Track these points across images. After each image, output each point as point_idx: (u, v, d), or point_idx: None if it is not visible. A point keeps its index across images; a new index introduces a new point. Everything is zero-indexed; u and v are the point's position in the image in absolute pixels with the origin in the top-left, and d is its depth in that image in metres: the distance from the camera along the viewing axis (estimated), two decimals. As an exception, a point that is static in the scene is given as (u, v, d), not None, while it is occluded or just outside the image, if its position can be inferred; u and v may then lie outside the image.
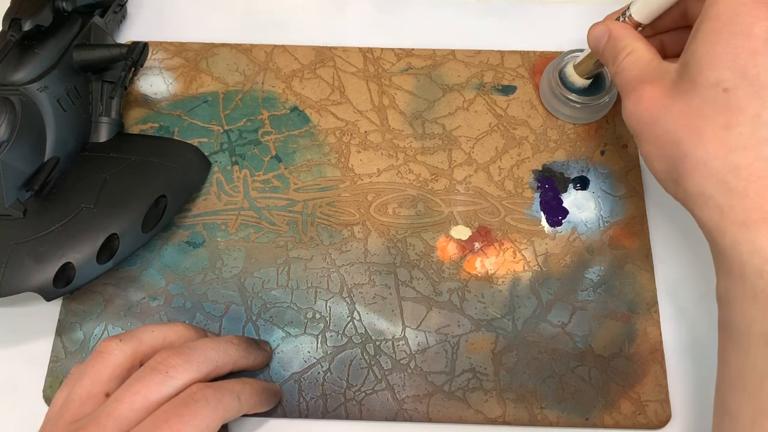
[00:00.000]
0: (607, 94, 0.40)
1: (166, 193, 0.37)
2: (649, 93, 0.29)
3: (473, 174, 0.40)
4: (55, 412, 0.30)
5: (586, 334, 0.36)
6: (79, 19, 0.39)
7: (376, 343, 0.36)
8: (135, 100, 0.42)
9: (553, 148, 0.41)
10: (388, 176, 0.40)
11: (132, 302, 0.37)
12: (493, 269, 0.38)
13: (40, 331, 0.37)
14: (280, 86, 0.42)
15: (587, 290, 0.37)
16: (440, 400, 0.35)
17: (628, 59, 0.31)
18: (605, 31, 0.33)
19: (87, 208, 0.35)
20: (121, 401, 0.28)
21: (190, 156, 0.39)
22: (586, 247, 0.38)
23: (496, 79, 0.42)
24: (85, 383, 0.29)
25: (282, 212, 0.39)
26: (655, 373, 0.36)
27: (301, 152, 0.41)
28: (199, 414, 0.28)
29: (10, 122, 0.34)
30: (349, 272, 0.38)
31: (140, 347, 0.31)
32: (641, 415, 0.35)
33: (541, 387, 0.35)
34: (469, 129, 0.41)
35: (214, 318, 0.37)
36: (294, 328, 0.36)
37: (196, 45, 0.44)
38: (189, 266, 0.38)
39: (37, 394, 0.35)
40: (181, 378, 0.29)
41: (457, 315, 0.37)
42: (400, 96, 0.42)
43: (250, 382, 0.32)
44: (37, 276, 0.33)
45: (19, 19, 0.36)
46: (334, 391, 0.35)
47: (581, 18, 0.45)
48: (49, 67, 0.36)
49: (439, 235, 0.39)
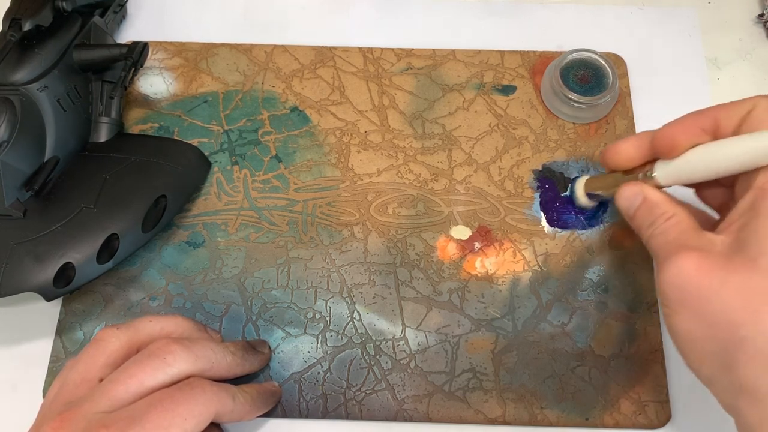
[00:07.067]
0: (608, 94, 0.40)
1: (166, 193, 0.37)
2: (694, 262, 0.26)
3: (473, 174, 0.40)
4: (50, 398, 0.30)
5: (586, 334, 0.36)
6: (79, 19, 0.39)
7: (376, 343, 0.36)
8: (135, 100, 0.42)
9: (553, 148, 0.41)
10: (388, 176, 0.40)
11: (132, 302, 0.37)
12: (493, 269, 0.38)
13: (40, 331, 0.37)
14: (280, 86, 0.42)
15: (587, 290, 0.37)
16: (440, 400, 0.35)
17: (667, 223, 0.29)
18: (639, 194, 0.31)
19: (87, 208, 0.35)
20: (117, 382, 0.28)
21: (190, 156, 0.39)
22: (586, 247, 0.38)
23: (496, 79, 0.42)
24: (80, 368, 0.30)
25: (282, 212, 0.39)
26: (655, 373, 0.36)
27: (301, 152, 0.41)
28: (193, 400, 0.28)
29: (10, 122, 0.34)
30: (349, 272, 0.38)
31: (137, 335, 0.31)
32: (641, 415, 0.35)
33: (541, 387, 0.35)
34: (469, 129, 0.41)
35: (214, 318, 0.37)
36: (294, 328, 0.36)
37: (196, 45, 0.43)
38: (189, 266, 0.38)
39: (37, 394, 0.35)
40: (177, 366, 0.29)
41: (457, 315, 0.37)
42: (400, 96, 0.42)
43: (246, 388, 0.32)
44: (37, 276, 0.33)
45: (19, 19, 0.36)
46: (334, 391, 0.35)
47: (581, 18, 0.45)
48: (49, 67, 0.36)
49: (439, 235, 0.39)
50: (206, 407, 0.28)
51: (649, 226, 0.30)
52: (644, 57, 0.44)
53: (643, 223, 0.30)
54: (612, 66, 0.40)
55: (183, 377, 0.29)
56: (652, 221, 0.30)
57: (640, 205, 0.31)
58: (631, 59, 0.43)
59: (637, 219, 0.31)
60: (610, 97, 0.40)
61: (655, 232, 0.29)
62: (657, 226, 0.29)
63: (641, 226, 0.30)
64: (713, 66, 0.44)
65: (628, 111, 0.42)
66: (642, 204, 0.30)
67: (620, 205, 0.32)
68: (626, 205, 0.31)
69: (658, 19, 0.45)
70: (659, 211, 0.30)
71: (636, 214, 0.31)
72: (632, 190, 0.31)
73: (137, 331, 0.31)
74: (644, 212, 0.30)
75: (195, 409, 0.28)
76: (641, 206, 0.31)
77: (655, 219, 0.29)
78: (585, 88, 0.40)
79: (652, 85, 0.43)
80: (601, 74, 0.41)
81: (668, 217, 0.29)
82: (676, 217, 0.29)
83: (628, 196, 0.31)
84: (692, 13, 0.45)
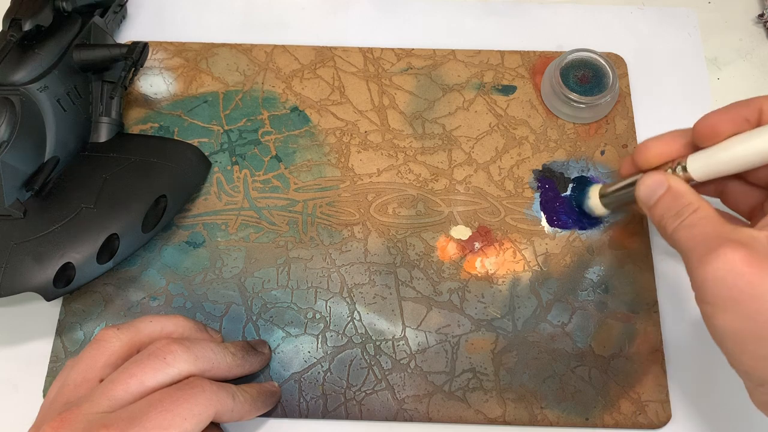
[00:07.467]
0: (608, 94, 0.40)
1: (166, 193, 0.37)
2: (742, 256, 0.24)
3: (473, 174, 0.40)
4: (50, 398, 0.30)
5: (586, 334, 0.36)
6: (79, 19, 0.39)
7: (376, 343, 0.36)
8: (135, 100, 0.42)
9: (553, 147, 0.41)
10: (388, 176, 0.40)
11: (132, 302, 0.37)
12: (493, 269, 0.38)
13: (40, 331, 0.37)
14: (280, 86, 0.42)
15: (587, 290, 0.37)
16: (440, 400, 0.35)
17: (696, 215, 0.27)
18: (663, 182, 0.29)
19: (87, 208, 0.35)
20: (117, 382, 0.28)
21: (190, 156, 0.39)
22: (586, 247, 0.38)
23: (496, 79, 0.42)
24: (81, 368, 0.30)
25: (282, 212, 0.39)
26: (655, 373, 0.36)
27: (301, 152, 0.41)
28: (193, 399, 0.28)
29: (10, 122, 0.34)
30: (349, 272, 0.38)
31: (137, 336, 0.31)
32: (641, 415, 0.35)
33: (541, 387, 0.35)
34: (469, 129, 0.41)
35: (214, 318, 0.37)
36: (294, 328, 0.36)
37: (196, 45, 0.43)
38: (189, 266, 0.38)
39: (37, 394, 0.35)
40: (178, 366, 0.29)
41: (457, 315, 0.37)
42: (400, 96, 0.42)
43: (246, 387, 0.32)
44: (37, 276, 0.33)
45: (19, 19, 0.36)
46: (334, 391, 0.35)
47: (581, 18, 0.45)
48: (49, 67, 0.36)
49: (439, 235, 0.39)
50: (206, 407, 0.28)
51: (674, 216, 0.28)
52: (644, 57, 0.44)
53: (667, 213, 0.29)
54: (612, 66, 0.40)
55: (183, 377, 0.29)
56: (677, 211, 0.28)
57: (664, 194, 0.29)
58: (631, 59, 0.43)
59: (659, 208, 0.29)
60: (610, 97, 0.40)
61: (683, 224, 0.27)
62: (684, 218, 0.27)
63: (664, 216, 0.29)
64: (713, 66, 0.44)
65: (628, 111, 0.42)
66: (666, 193, 0.29)
67: (640, 195, 0.30)
68: (647, 193, 0.30)
69: (658, 19, 0.45)
70: (685, 200, 0.28)
71: (658, 203, 0.29)
72: (656, 178, 0.30)
73: (138, 332, 0.31)
74: (668, 201, 0.29)
75: (195, 409, 0.28)
76: (665, 195, 0.29)
77: (681, 209, 0.28)
78: (585, 88, 0.40)
79: (652, 85, 0.43)
80: (601, 74, 0.41)
81: (695, 208, 0.27)
82: (703, 209, 0.27)
83: (651, 184, 0.30)
84: (692, 13, 0.45)
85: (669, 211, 0.29)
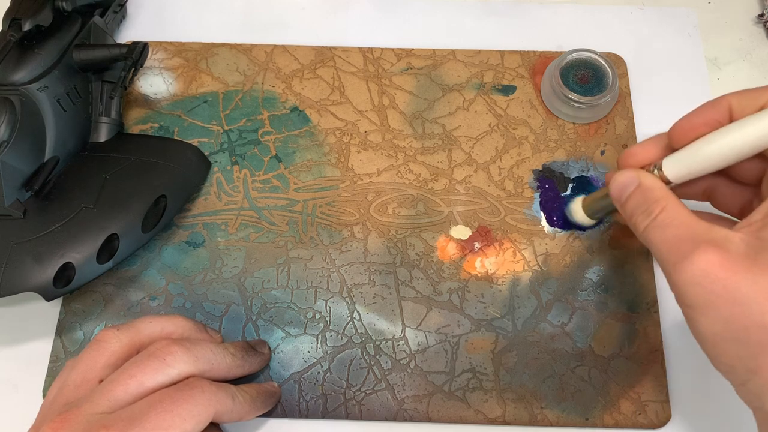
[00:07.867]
0: (608, 94, 0.40)
1: (166, 193, 0.37)
2: (717, 259, 0.24)
3: (473, 174, 0.40)
4: (50, 398, 0.30)
5: (586, 334, 0.36)
6: (79, 19, 0.39)
7: (376, 343, 0.36)
8: (135, 100, 0.42)
9: (553, 147, 0.41)
10: (388, 176, 0.40)
11: (132, 302, 0.37)
12: (493, 269, 0.38)
13: (40, 331, 0.37)
14: (280, 86, 0.42)
15: (587, 290, 0.37)
16: (440, 400, 0.35)
17: (665, 214, 0.27)
18: (634, 179, 0.29)
19: (87, 208, 0.35)
20: (116, 383, 0.28)
21: (190, 156, 0.39)
22: (586, 247, 0.38)
23: (496, 79, 0.42)
24: (80, 369, 0.30)
25: (282, 212, 0.39)
26: (655, 373, 0.36)
27: (301, 152, 0.41)
28: (192, 400, 0.28)
29: (10, 122, 0.34)
30: (349, 272, 0.38)
31: (137, 337, 0.31)
32: (641, 415, 0.35)
33: (541, 387, 0.35)
34: (469, 129, 0.41)
35: (214, 318, 0.37)
36: (294, 328, 0.36)
37: (196, 45, 0.44)
38: (189, 266, 0.38)
39: (37, 394, 0.35)
40: (177, 367, 0.29)
41: (457, 315, 0.37)
42: (400, 96, 0.42)
43: (246, 388, 0.32)
44: (37, 276, 0.33)
45: (19, 19, 0.36)
46: (334, 391, 0.35)
47: (581, 18, 0.45)
48: (49, 67, 0.36)
49: (439, 235, 0.39)
50: (205, 407, 0.28)
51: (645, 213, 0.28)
52: (644, 57, 0.44)
53: (637, 210, 0.28)
54: (612, 66, 0.40)
55: (183, 378, 0.29)
56: (647, 207, 0.28)
57: (635, 190, 0.29)
58: (631, 59, 0.43)
59: (629, 205, 0.29)
60: (610, 97, 0.40)
61: (655, 223, 0.27)
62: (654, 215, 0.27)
63: (634, 212, 0.28)
64: (713, 66, 0.44)
65: (628, 111, 0.42)
66: (636, 189, 0.29)
67: (613, 192, 0.30)
68: (619, 189, 0.30)
69: (658, 19, 0.45)
70: (653, 195, 0.28)
71: (629, 199, 0.29)
72: (627, 174, 0.29)
73: (138, 332, 0.31)
74: (638, 197, 0.28)
75: (194, 410, 0.28)
76: (635, 192, 0.29)
77: (650, 205, 0.28)
78: (585, 88, 0.40)
79: (652, 85, 0.43)
80: (601, 74, 0.41)
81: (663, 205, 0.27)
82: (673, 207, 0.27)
83: (622, 181, 0.29)
84: (692, 13, 0.45)
85: (639, 208, 0.28)
